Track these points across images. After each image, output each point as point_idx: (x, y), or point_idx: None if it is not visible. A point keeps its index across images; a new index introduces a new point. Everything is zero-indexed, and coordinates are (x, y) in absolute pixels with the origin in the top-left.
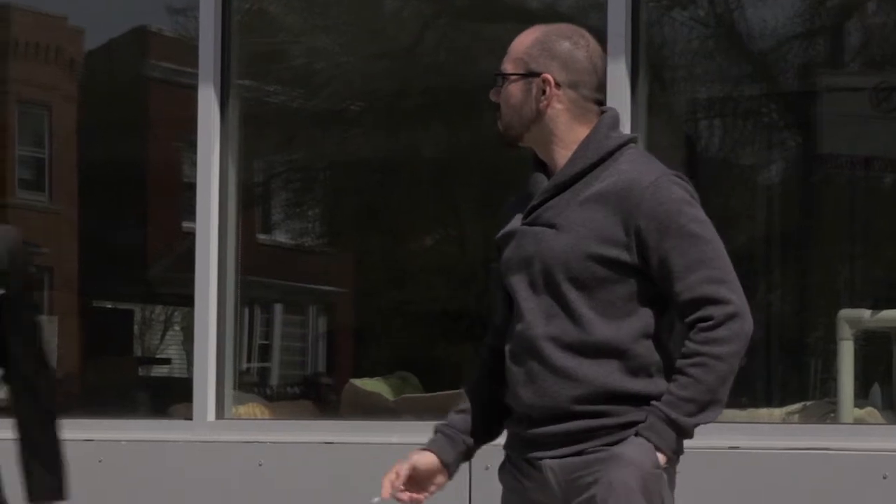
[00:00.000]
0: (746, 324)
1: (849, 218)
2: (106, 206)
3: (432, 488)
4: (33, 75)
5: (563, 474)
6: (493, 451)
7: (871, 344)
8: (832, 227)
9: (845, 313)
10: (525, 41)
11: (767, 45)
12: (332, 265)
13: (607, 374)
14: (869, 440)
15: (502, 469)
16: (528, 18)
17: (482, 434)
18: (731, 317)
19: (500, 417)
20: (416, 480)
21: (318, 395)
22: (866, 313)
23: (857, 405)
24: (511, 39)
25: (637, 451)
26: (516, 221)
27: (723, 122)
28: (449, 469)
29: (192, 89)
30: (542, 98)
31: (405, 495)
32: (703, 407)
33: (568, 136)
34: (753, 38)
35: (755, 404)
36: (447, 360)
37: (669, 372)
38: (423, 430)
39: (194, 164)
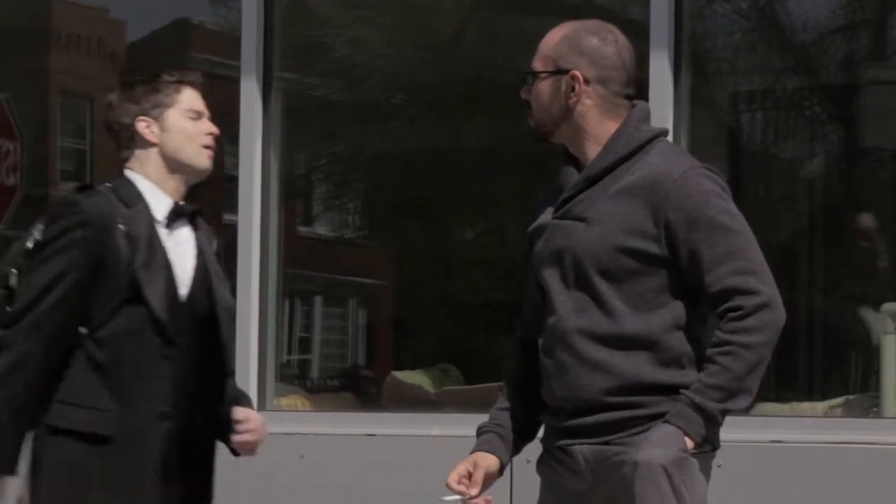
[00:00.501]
0: (777, 314)
1: (892, 211)
2: None
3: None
4: (75, 67)
5: (594, 459)
6: (534, 445)
7: None
8: (875, 221)
9: (888, 307)
10: (553, 38)
11: (810, 37)
12: (373, 257)
13: (638, 365)
14: None
15: (540, 462)
16: (570, 11)
17: (526, 431)
18: (761, 307)
19: (540, 412)
20: (475, 482)
21: (358, 387)
22: None
23: None
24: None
25: (664, 435)
26: (547, 215)
27: (765, 115)
28: (503, 469)
29: (234, 82)
30: (572, 95)
31: (481, 500)
32: (732, 394)
33: (598, 131)
34: (796, 30)
35: (797, 398)
36: (488, 352)
37: (702, 363)
38: (464, 423)
39: (236, 156)
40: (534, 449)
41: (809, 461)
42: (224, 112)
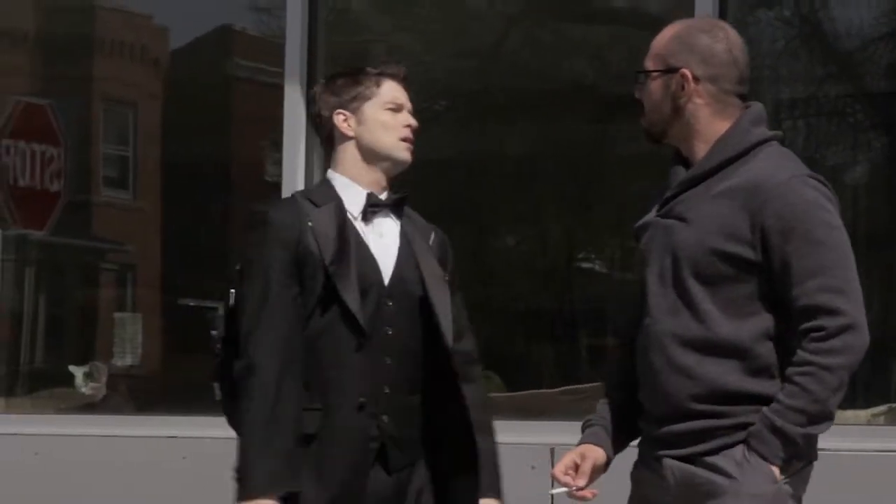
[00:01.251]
0: (861, 337)
1: None
2: (190, 205)
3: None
4: (119, 74)
5: (683, 479)
6: (540, 450)
7: None
8: None
9: None
10: (664, 37)
11: (853, 44)
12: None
13: (726, 373)
14: None
15: (634, 467)
16: (614, 18)
17: (627, 429)
18: (844, 329)
19: (639, 413)
20: (583, 473)
21: None
22: None
23: None
24: (595, 39)
25: (752, 479)
26: (653, 213)
27: (808, 122)
28: (610, 462)
29: (276, 88)
30: (682, 94)
31: (589, 492)
32: (812, 419)
33: (708, 131)
34: (839, 37)
35: (840, 406)
36: (529, 359)
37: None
38: (505, 430)
39: (279, 163)
40: (537, 456)
41: (853, 469)
42: (266, 118)
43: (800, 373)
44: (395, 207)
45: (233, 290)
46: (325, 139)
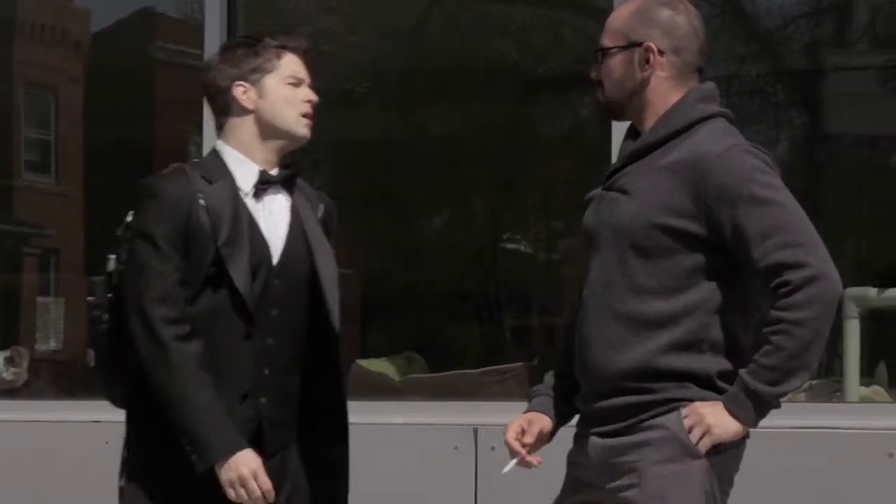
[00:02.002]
0: (829, 286)
1: (855, 197)
2: (112, 188)
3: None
4: (39, 57)
5: (602, 455)
6: (464, 431)
7: (877, 322)
8: (838, 206)
9: (851, 292)
10: (623, 13)
11: (774, 23)
12: (338, 246)
13: (654, 348)
14: (875, 419)
15: (571, 448)
16: None
17: (571, 402)
18: (810, 280)
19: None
20: (530, 434)
21: None
22: (872, 292)
23: (863, 384)
24: (518, 20)
25: (671, 457)
26: (598, 187)
27: (729, 101)
28: (555, 432)
29: (198, 71)
30: (646, 66)
31: (535, 459)
32: (787, 374)
33: (662, 104)
34: (760, 16)
35: None
36: (453, 341)
37: (729, 351)
38: (428, 411)
39: (200, 145)
40: (461, 436)
41: (772, 446)
42: (188, 101)
43: (772, 331)
44: (286, 183)
45: (112, 256)
46: (219, 110)
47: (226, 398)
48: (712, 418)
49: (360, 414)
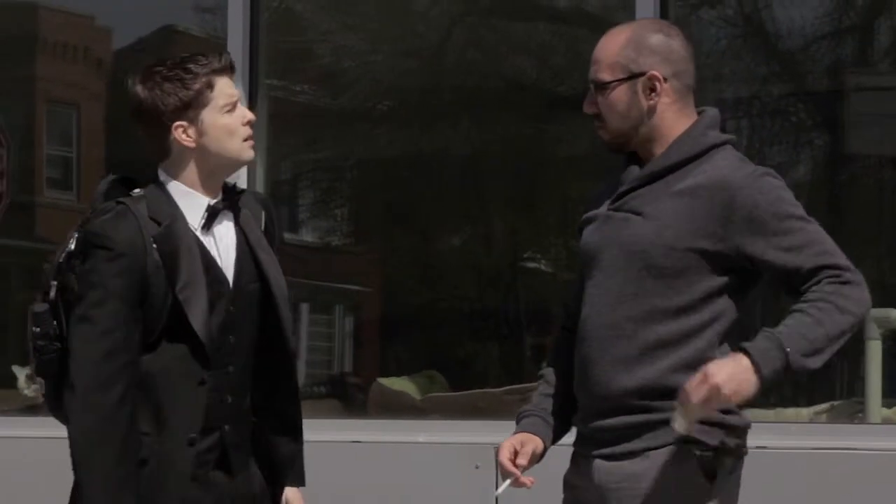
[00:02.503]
0: (868, 296)
1: (877, 217)
2: None
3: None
4: (61, 74)
5: (606, 479)
6: (485, 450)
7: None
8: (860, 227)
9: (873, 313)
10: (613, 45)
11: (796, 44)
12: (359, 264)
13: (663, 367)
14: None
15: (568, 470)
16: (556, 16)
17: (565, 420)
18: (860, 283)
19: (574, 406)
20: (524, 454)
21: (344, 394)
22: (894, 312)
23: (885, 405)
24: (538, 38)
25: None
26: (602, 207)
27: (750, 122)
28: (545, 453)
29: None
30: (652, 95)
31: (528, 480)
32: (815, 351)
33: (670, 131)
34: (781, 37)
35: (782, 404)
36: (474, 359)
37: None
38: (449, 429)
39: None
40: (482, 454)
41: (794, 467)
42: None
43: (815, 306)
44: (231, 205)
45: (54, 282)
46: (157, 148)
47: (171, 442)
48: (723, 375)
49: (380, 432)
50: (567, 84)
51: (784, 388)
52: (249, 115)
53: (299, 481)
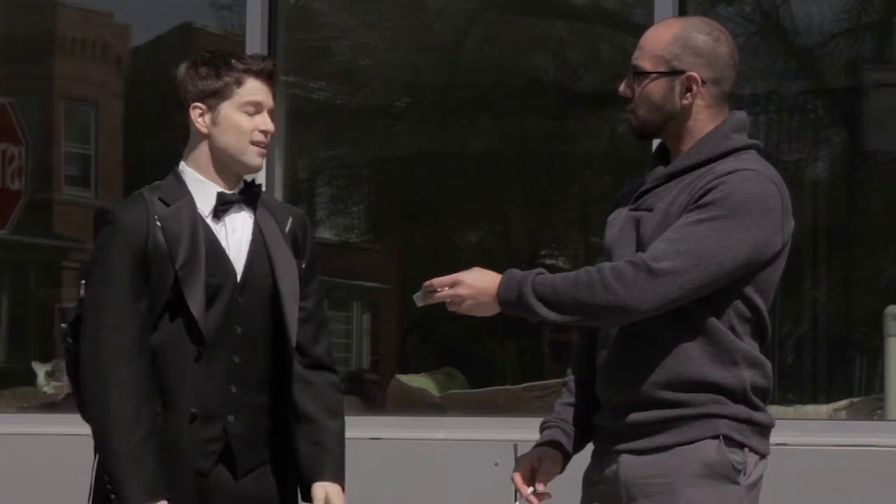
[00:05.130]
0: (653, 294)
1: (895, 214)
2: None
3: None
4: (79, 72)
5: (633, 473)
6: (504, 447)
7: None
8: (879, 224)
9: (892, 309)
10: (663, 37)
11: (814, 40)
12: (377, 261)
13: (690, 360)
14: None
15: (588, 467)
16: (574, 14)
17: (587, 426)
18: (651, 276)
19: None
20: (542, 474)
21: (363, 391)
22: None
23: None
24: (556, 35)
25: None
26: (624, 208)
27: (768, 119)
28: (566, 464)
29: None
30: (687, 96)
31: (545, 495)
32: (557, 305)
33: (699, 132)
34: (799, 33)
35: (802, 401)
36: (493, 356)
37: (755, 362)
38: (469, 426)
39: None
40: (501, 452)
41: (814, 464)
42: None
43: (587, 272)
44: (248, 200)
45: (84, 281)
46: (179, 128)
47: (175, 420)
48: (470, 291)
49: (400, 429)
50: (584, 81)
51: (804, 384)
52: (269, 126)
53: (331, 478)
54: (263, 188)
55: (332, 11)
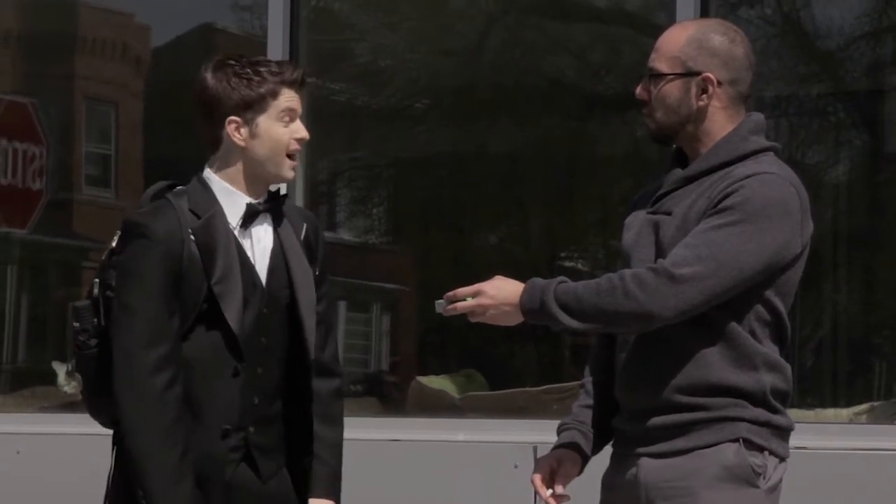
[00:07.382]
0: (675, 300)
1: None
2: None
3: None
4: (100, 72)
5: (654, 476)
6: (524, 449)
7: None
8: None
9: None
10: (678, 39)
11: (835, 43)
12: (397, 263)
13: (709, 364)
14: None
15: (607, 471)
16: (595, 16)
17: (605, 428)
18: (672, 282)
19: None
20: (561, 476)
21: (383, 392)
22: None
23: None
24: (577, 37)
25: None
26: (641, 211)
27: (789, 121)
28: (584, 466)
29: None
30: (703, 97)
31: (564, 497)
32: (580, 313)
33: (716, 134)
34: (821, 36)
35: (822, 405)
36: (512, 358)
37: (776, 366)
38: (488, 428)
39: None
40: (521, 453)
41: (834, 467)
42: None
43: (609, 280)
44: (272, 209)
45: (97, 280)
46: (209, 138)
47: (206, 434)
48: (493, 301)
49: (419, 431)
50: (605, 83)
51: (824, 388)
52: (303, 133)
53: (324, 494)
54: (283, 190)
55: (353, 12)
